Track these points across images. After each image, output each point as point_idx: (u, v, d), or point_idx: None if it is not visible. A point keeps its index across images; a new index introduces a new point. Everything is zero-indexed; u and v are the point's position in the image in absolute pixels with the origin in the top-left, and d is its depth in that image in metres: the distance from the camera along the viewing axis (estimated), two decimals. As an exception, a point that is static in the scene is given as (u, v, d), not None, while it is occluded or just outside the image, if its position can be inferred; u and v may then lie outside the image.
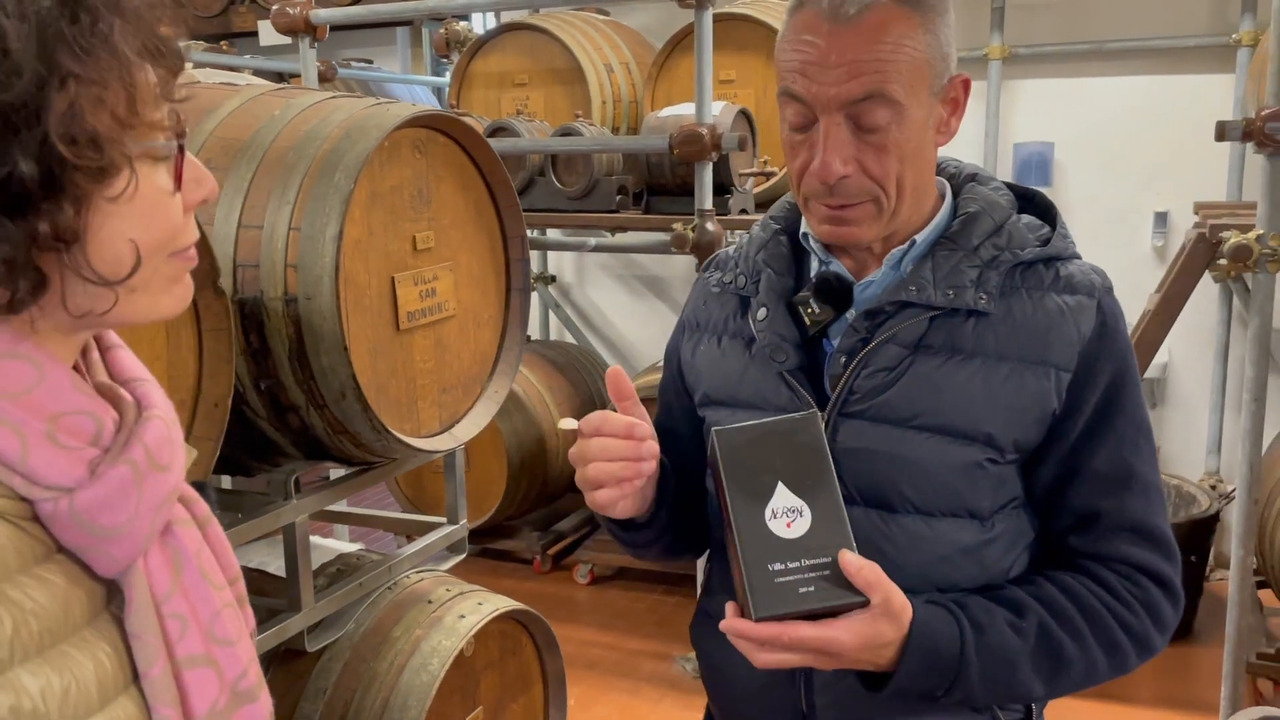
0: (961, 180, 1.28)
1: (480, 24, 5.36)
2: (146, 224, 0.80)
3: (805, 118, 1.14)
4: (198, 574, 0.87)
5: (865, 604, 1.04)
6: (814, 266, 1.29)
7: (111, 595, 0.83)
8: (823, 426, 1.10)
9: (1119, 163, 4.51)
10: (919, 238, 1.22)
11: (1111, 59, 4.50)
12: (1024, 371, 1.15)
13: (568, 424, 1.15)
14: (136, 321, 0.84)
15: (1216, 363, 4.46)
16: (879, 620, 1.05)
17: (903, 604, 1.07)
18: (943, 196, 1.26)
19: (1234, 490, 3.64)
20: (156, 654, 0.82)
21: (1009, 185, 1.29)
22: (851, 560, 1.04)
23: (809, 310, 1.23)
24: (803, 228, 1.29)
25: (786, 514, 1.06)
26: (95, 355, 0.90)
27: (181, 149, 0.82)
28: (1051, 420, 1.16)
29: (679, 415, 1.39)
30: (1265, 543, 3.41)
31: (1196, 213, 3.96)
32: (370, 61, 6.85)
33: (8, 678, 0.71)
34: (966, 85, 1.19)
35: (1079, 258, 1.24)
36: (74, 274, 0.76)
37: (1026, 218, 1.24)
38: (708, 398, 1.32)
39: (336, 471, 2.71)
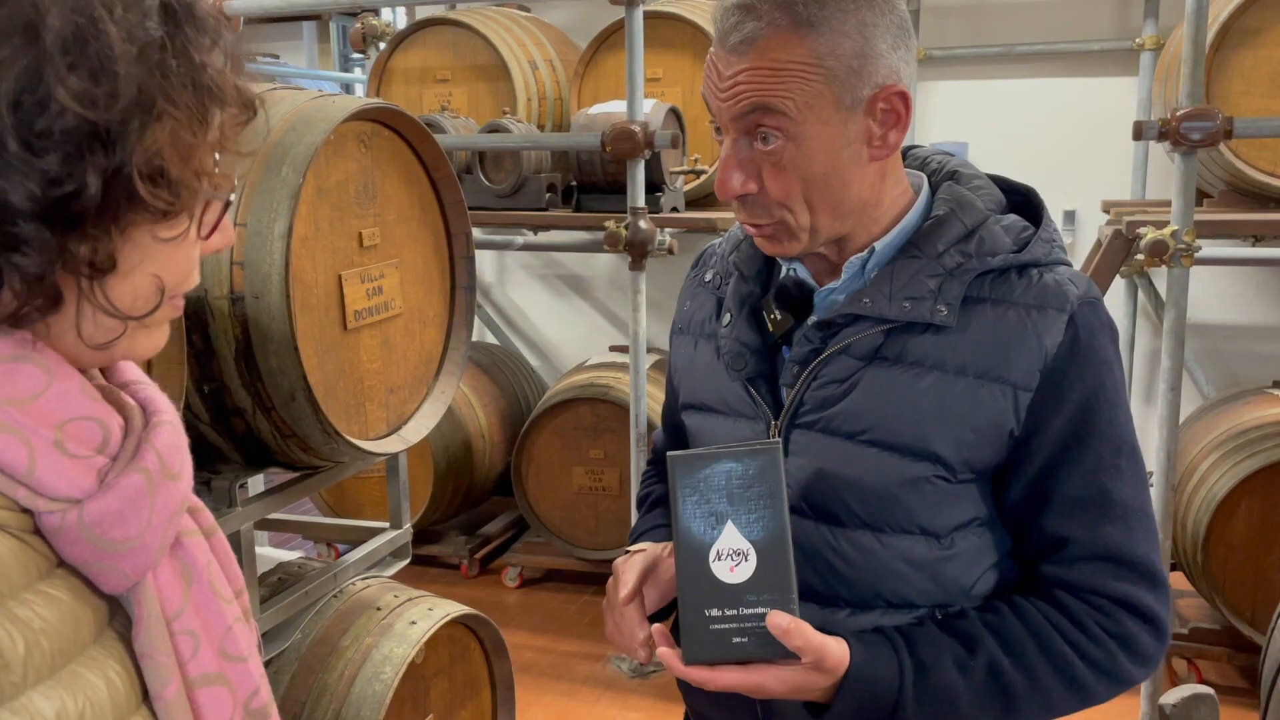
0: (941, 177, 1.23)
1: (393, 20, 5.24)
2: (171, 264, 0.77)
3: (720, 128, 1.14)
4: (208, 588, 0.82)
5: (798, 659, 1.03)
6: (783, 270, 1.25)
7: (114, 611, 0.78)
8: (781, 460, 1.05)
9: (1029, 162, 4.64)
10: (879, 244, 1.17)
11: (1021, 62, 4.64)
12: (980, 389, 1.11)
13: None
14: (115, 360, 0.80)
15: (1124, 355, 4.64)
16: (810, 673, 1.04)
17: (838, 661, 1.05)
18: (918, 193, 1.20)
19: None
20: (170, 674, 0.78)
21: (1000, 180, 1.23)
22: (780, 622, 1.02)
23: (771, 316, 1.21)
24: None
25: (731, 557, 1.03)
26: None
27: (228, 203, 0.80)
28: (1011, 441, 1.12)
29: (678, 409, 1.38)
30: (1177, 527, 3.55)
31: (1106, 211, 4.12)
32: (276, 56, 6.67)
33: (22, 702, 0.66)
34: (904, 98, 1.10)
35: (1064, 264, 1.17)
36: (90, 302, 0.73)
37: (1009, 219, 1.18)
38: (685, 403, 1.31)
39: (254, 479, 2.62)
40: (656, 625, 1.11)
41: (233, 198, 0.81)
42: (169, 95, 0.70)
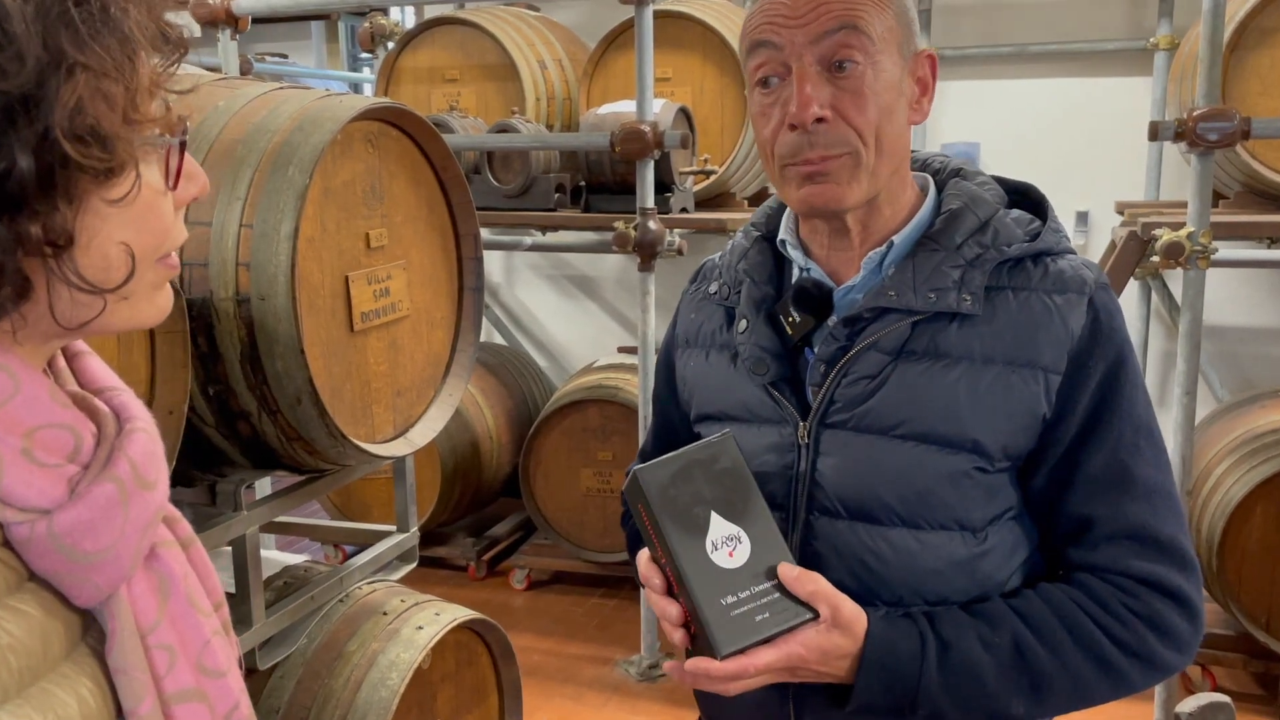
0: (946, 176, 1.25)
1: (402, 20, 5.22)
2: (140, 226, 0.73)
3: (776, 65, 1.11)
4: (185, 600, 0.80)
5: (818, 617, 1.04)
6: (795, 274, 1.25)
7: (87, 626, 0.76)
8: (738, 447, 1.08)
9: (1041, 162, 4.61)
10: (897, 238, 1.17)
11: (1033, 61, 4.61)
12: (1011, 375, 1.11)
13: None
14: (114, 331, 0.77)
15: (1137, 357, 4.60)
16: (832, 633, 1.04)
17: (854, 614, 1.06)
18: (924, 192, 1.22)
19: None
20: (144, 690, 0.75)
21: (998, 179, 1.25)
22: (789, 571, 1.03)
23: (789, 319, 1.20)
24: (780, 233, 1.26)
25: (726, 543, 1.05)
26: (62, 363, 0.82)
27: (183, 144, 0.75)
28: (1043, 425, 1.12)
29: (679, 427, 1.35)
30: (1192, 532, 3.52)
31: (1120, 212, 4.08)
32: (285, 56, 6.66)
33: None
34: (933, 63, 1.16)
35: (1072, 253, 1.19)
36: (61, 280, 0.69)
37: (1016, 212, 1.19)
38: (701, 414, 1.29)
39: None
40: (680, 635, 1.09)
41: (186, 138, 0.76)
42: (78, 46, 0.66)
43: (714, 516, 1.05)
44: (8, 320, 0.69)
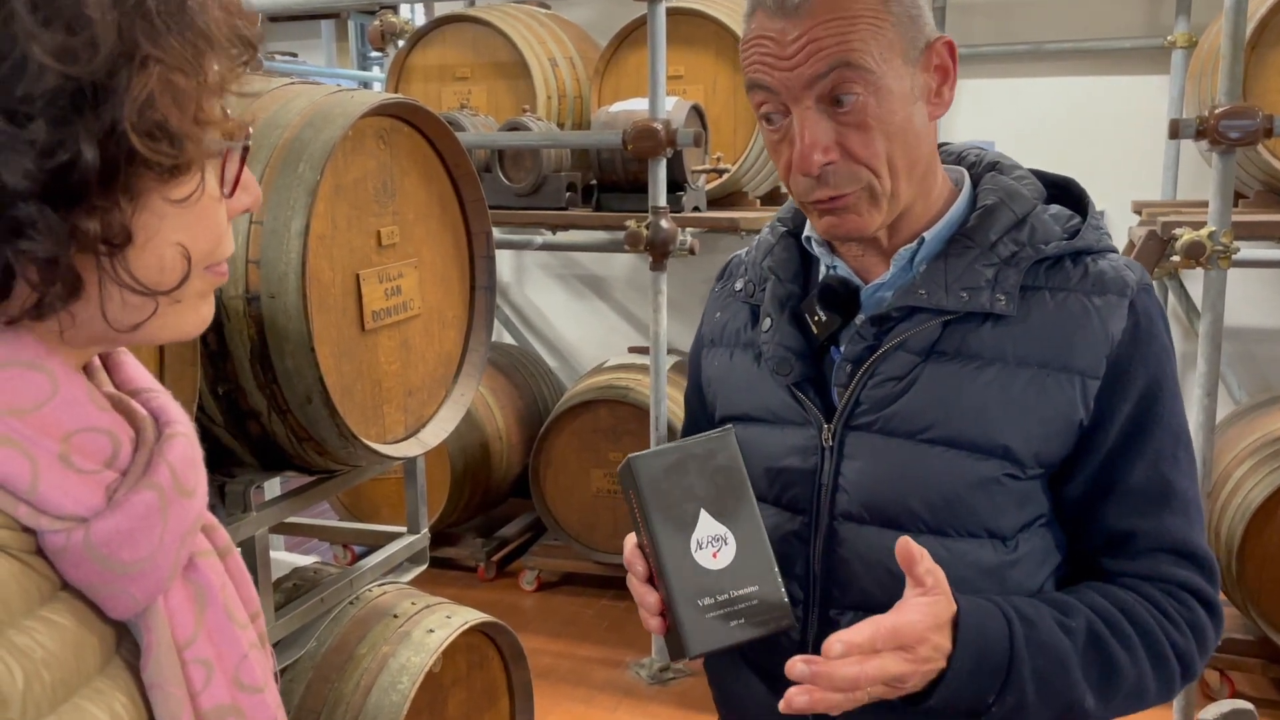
0: (982, 169, 1.21)
1: (412, 18, 5.20)
2: (197, 229, 0.71)
3: (776, 104, 1.07)
4: (223, 613, 0.77)
5: (792, 627, 1.01)
6: (822, 271, 1.21)
7: (121, 637, 0.73)
8: (737, 445, 1.06)
9: (1057, 162, 4.48)
10: (928, 234, 1.13)
11: (1049, 60, 4.56)
12: (1046, 379, 1.07)
13: None
14: (158, 340, 0.75)
15: (1152, 359, 4.54)
16: (943, 599, 0.98)
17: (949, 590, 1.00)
18: (959, 187, 1.18)
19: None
20: (180, 706, 0.72)
21: (1037, 173, 1.21)
22: (911, 550, 0.96)
23: (815, 318, 1.16)
24: (806, 230, 1.23)
25: (711, 543, 1.03)
26: (97, 362, 0.79)
27: (245, 151, 0.74)
28: (1079, 431, 1.08)
29: (707, 429, 1.32)
30: (1211, 535, 3.47)
31: (1137, 211, 4.04)
32: (295, 55, 6.64)
33: None
34: (951, 48, 1.09)
35: (1113, 251, 1.14)
36: (113, 280, 0.67)
37: (1055, 208, 1.15)
38: (724, 415, 1.26)
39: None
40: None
41: (249, 144, 0.75)
42: (153, 39, 0.64)
43: (703, 514, 1.03)
44: (55, 319, 0.67)
